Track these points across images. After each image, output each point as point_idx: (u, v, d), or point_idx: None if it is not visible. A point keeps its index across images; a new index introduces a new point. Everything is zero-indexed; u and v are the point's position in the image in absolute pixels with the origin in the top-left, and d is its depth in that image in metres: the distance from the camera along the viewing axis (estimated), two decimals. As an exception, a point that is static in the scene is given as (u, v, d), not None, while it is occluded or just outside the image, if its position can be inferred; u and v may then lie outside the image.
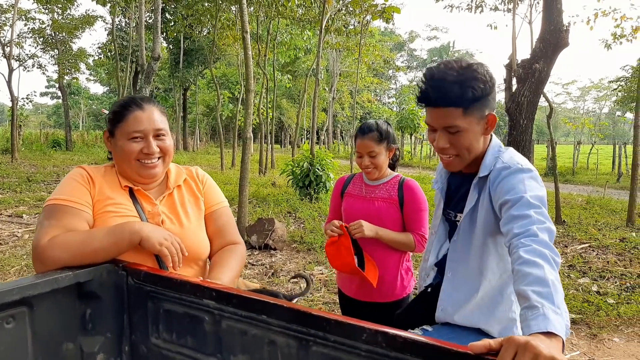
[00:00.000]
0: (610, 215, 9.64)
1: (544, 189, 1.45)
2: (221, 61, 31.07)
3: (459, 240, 1.65)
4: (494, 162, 1.54)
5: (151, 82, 8.32)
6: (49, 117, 77.91)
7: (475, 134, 1.50)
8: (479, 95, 1.44)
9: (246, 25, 6.85)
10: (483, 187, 1.55)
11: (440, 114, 1.47)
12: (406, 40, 63.28)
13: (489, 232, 1.56)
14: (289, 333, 1.10)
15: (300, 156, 10.86)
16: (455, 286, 1.65)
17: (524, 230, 1.25)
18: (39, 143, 27.83)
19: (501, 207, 1.40)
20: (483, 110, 1.48)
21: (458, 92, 1.43)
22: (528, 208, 1.31)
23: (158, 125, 1.56)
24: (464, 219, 1.62)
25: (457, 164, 1.56)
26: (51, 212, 1.43)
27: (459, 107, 1.44)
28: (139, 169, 1.55)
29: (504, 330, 1.58)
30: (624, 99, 24.31)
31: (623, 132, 70.95)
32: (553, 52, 6.73)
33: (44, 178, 13.18)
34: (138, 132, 1.53)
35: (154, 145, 1.54)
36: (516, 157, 1.55)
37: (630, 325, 4.20)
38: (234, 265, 1.61)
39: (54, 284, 1.26)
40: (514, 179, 1.43)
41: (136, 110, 1.54)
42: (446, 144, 1.50)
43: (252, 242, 6.51)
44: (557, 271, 1.14)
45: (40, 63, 26.24)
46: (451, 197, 1.76)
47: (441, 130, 1.50)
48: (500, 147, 1.59)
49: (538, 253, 1.16)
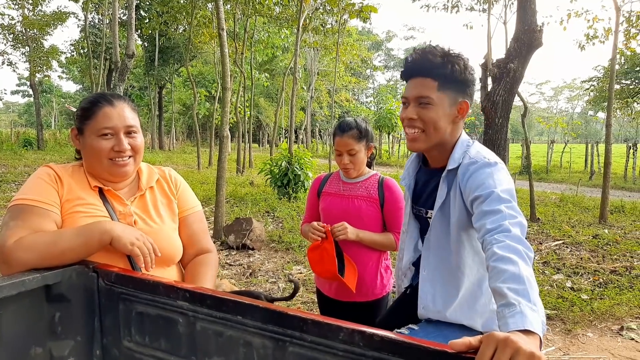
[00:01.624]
0: (583, 213, 9.83)
1: (512, 182, 1.47)
2: (197, 59, 30.80)
3: (432, 236, 1.65)
4: (462, 156, 1.56)
5: (125, 80, 8.17)
6: (20, 115, 76.20)
7: (445, 113, 1.54)
8: (456, 75, 1.52)
9: (222, 23, 6.78)
10: (452, 181, 1.56)
11: (417, 84, 1.54)
12: (383, 40, 63.69)
13: (462, 227, 1.56)
14: (264, 334, 1.08)
15: (279, 155, 10.82)
16: (433, 283, 1.65)
17: (496, 225, 1.26)
18: (10, 142, 27.13)
19: (472, 203, 1.42)
20: (457, 95, 1.54)
21: (439, 64, 1.51)
22: (499, 203, 1.32)
23: (129, 122, 1.51)
24: (435, 214, 1.62)
25: (422, 141, 1.57)
26: (17, 213, 1.38)
27: (435, 80, 1.51)
28: (110, 167, 1.50)
29: (486, 322, 1.59)
30: (596, 99, 24.94)
31: (595, 131, 72.70)
32: (527, 51, 6.83)
33: (15, 178, 12.85)
34: (108, 129, 1.47)
35: (125, 143, 1.49)
36: (483, 151, 1.57)
37: (604, 320, 4.28)
38: (210, 278, 1.59)
39: (21, 287, 1.22)
40: (482, 173, 1.45)
41: (106, 106, 1.49)
42: (414, 115, 1.54)
43: (230, 242, 6.45)
44: (531, 266, 1.15)
45: (10, 60, 25.65)
46: (420, 194, 1.76)
47: (413, 101, 1.55)
48: (469, 142, 1.61)
49: (512, 249, 1.17)
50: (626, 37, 11.09)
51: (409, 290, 1.83)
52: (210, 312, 1.15)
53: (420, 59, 1.54)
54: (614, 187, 14.46)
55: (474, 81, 1.58)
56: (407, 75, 1.59)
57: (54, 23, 23.95)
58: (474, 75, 1.58)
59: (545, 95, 79.54)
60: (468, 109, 1.57)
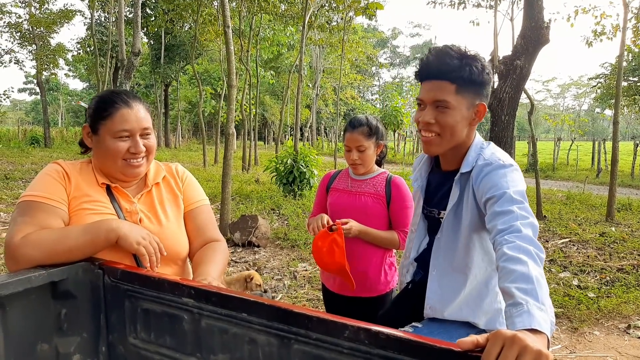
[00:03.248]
0: (590, 210, 9.78)
1: (525, 184, 1.46)
2: (203, 57, 30.77)
3: (443, 237, 1.64)
4: (476, 158, 1.54)
5: (131, 77, 8.20)
6: (27, 113, 76.64)
7: (463, 117, 1.50)
8: (475, 78, 1.47)
9: (228, 20, 6.78)
10: (466, 183, 1.55)
11: (434, 87, 1.49)
12: (389, 37, 63.51)
13: (474, 229, 1.55)
14: (269, 331, 1.08)
15: (284, 153, 10.81)
16: (441, 283, 1.64)
17: (507, 226, 1.25)
18: (17, 140, 27.32)
19: (485, 204, 1.41)
20: (475, 97, 1.50)
21: (456, 66, 1.46)
22: (511, 204, 1.31)
23: (145, 124, 1.51)
24: (447, 215, 1.61)
25: (437, 144, 1.55)
26: (25, 209, 1.38)
27: (453, 83, 1.46)
28: (124, 168, 1.50)
29: (490, 321, 1.59)
30: (603, 96, 24.75)
31: (602, 129, 72.23)
32: (534, 48, 6.78)
33: (22, 176, 12.92)
34: (126, 131, 1.48)
35: (141, 145, 1.49)
36: (497, 152, 1.55)
37: (610, 318, 4.26)
38: (219, 260, 1.57)
39: (27, 284, 1.22)
40: (496, 175, 1.43)
41: (123, 107, 1.48)
42: (432, 119, 1.50)
43: (235, 240, 6.46)
44: (541, 267, 1.14)
45: (17, 58, 25.81)
46: (431, 195, 1.75)
47: (430, 104, 1.51)
48: (483, 144, 1.59)
49: (522, 249, 1.16)
50: (635, 33, 11.00)
51: (410, 286, 1.84)
52: (216, 309, 1.15)
53: (437, 60, 1.49)
54: (621, 184, 14.37)
55: (490, 82, 1.54)
56: (422, 76, 1.53)
57: (61, 21, 24.02)
58: (490, 75, 1.53)
59: (552, 93, 79.14)
60: (485, 111, 1.53)
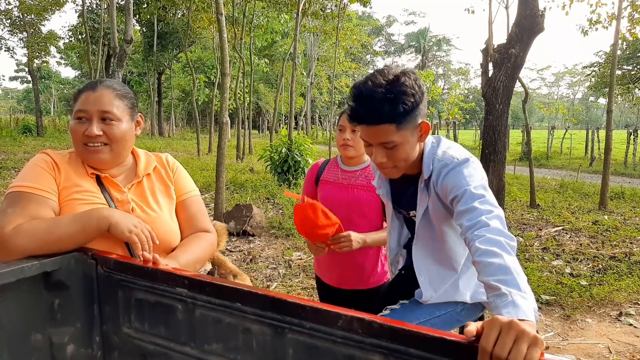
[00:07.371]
0: (583, 199, 9.84)
1: (484, 173, 1.49)
2: (196, 45, 30.55)
3: (419, 235, 1.71)
4: (432, 160, 1.57)
5: (124, 65, 8.12)
6: (19, 102, 75.89)
7: (412, 144, 1.51)
8: (409, 109, 1.42)
9: (221, 7, 6.71)
10: (429, 187, 1.59)
11: (375, 132, 1.45)
12: (384, 25, 63.08)
13: (447, 224, 1.63)
14: (263, 321, 1.08)
15: (279, 142, 10.78)
16: (433, 284, 1.71)
17: (474, 222, 1.30)
18: (9, 129, 27.04)
19: (451, 203, 1.46)
20: (416, 120, 1.47)
21: (389, 110, 1.40)
22: (473, 200, 1.36)
23: (105, 107, 1.47)
24: (420, 221, 1.67)
25: (396, 173, 1.58)
26: (14, 200, 1.37)
27: (392, 124, 1.42)
28: (83, 152, 1.49)
29: (473, 294, 1.70)
30: (597, 85, 24.81)
31: (596, 117, 72.48)
32: (529, 37, 6.76)
33: (15, 165, 12.84)
34: (82, 112, 1.46)
35: (95, 128, 1.45)
36: (450, 150, 1.57)
37: (602, 306, 4.30)
38: (197, 250, 1.57)
39: (20, 274, 1.21)
40: (453, 174, 1.47)
41: (88, 91, 1.49)
42: (384, 159, 1.51)
43: (230, 229, 6.45)
44: (514, 256, 1.18)
45: (8, 46, 25.48)
46: (398, 198, 1.80)
47: (377, 145, 1.49)
48: (433, 144, 1.60)
49: (493, 242, 1.20)
50: (630, 22, 10.98)
51: (404, 271, 1.89)
52: (210, 299, 1.15)
53: (367, 109, 1.42)
54: (614, 173, 14.44)
55: (424, 94, 1.48)
56: (358, 122, 1.47)
57: (52, 8, 23.70)
58: (423, 89, 1.47)
59: (547, 81, 79.29)
60: (429, 126, 1.51)
